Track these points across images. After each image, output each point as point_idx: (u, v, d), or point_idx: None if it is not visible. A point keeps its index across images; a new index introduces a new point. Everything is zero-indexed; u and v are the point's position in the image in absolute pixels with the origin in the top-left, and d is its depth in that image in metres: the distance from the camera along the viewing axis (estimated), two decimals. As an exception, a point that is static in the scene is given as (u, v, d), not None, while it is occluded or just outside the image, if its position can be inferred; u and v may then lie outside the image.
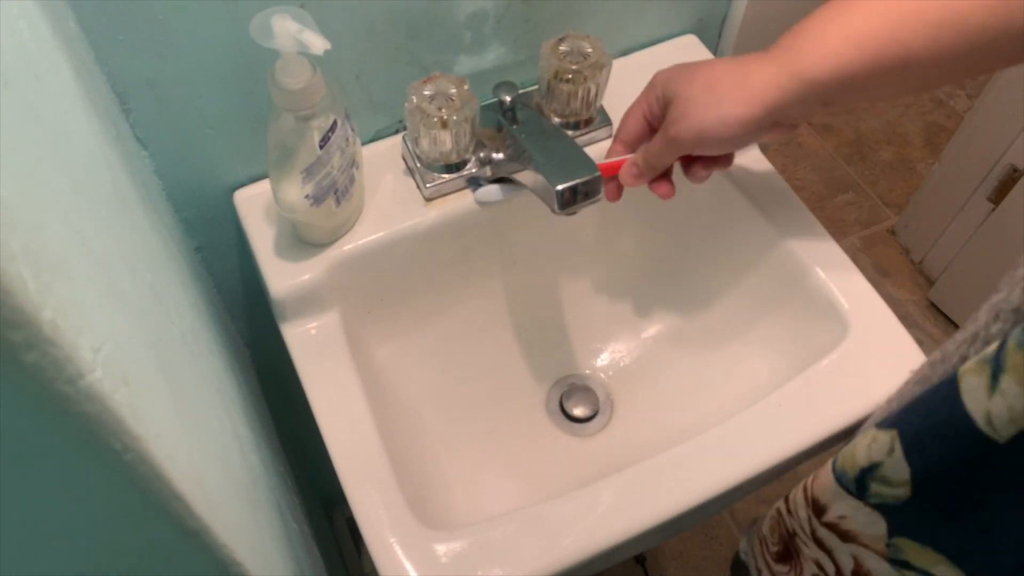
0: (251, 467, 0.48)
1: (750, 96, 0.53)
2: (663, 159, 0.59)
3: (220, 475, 0.35)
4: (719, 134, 0.54)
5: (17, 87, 0.26)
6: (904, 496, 0.47)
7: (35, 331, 0.19)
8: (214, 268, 0.72)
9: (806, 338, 0.66)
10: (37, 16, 0.36)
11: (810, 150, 1.72)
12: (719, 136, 0.55)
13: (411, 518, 0.54)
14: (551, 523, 0.55)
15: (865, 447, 0.48)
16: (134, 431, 0.23)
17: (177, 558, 0.30)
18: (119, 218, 0.36)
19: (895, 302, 1.50)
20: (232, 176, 0.65)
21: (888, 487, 0.48)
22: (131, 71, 0.55)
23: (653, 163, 0.59)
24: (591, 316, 0.79)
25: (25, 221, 0.20)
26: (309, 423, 0.59)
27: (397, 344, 0.71)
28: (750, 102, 0.53)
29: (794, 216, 0.68)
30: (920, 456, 0.45)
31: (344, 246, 0.63)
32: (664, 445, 0.58)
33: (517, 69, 0.69)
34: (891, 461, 0.47)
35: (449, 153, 0.63)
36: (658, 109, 0.59)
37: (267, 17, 0.50)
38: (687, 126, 0.55)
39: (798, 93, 0.52)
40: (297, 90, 0.53)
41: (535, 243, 0.73)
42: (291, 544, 0.54)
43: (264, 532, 0.43)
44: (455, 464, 0.71)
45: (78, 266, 0.24)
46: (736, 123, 0.53)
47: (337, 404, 0.59)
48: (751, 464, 0.57)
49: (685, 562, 1.26)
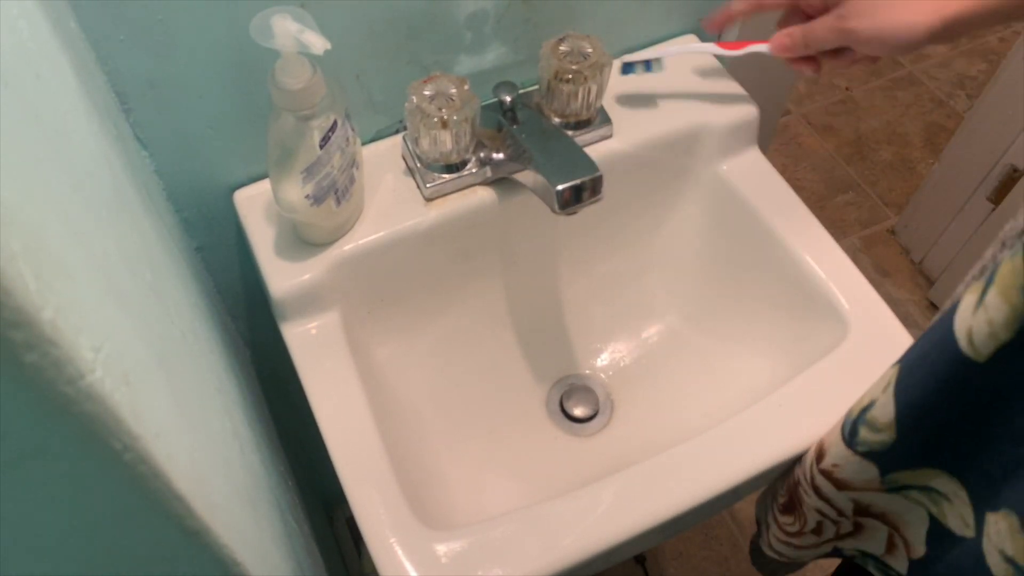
0: (251, 467, 0.48)
1: (940, 5, 0.52)
2: (825, 44, 0.58)
3: (220, 475, 0.35)
4: (903, 39, 0.54)
5: (17, 87, 0.26)
6: (888, 440, 0.48)
7: (35, 331, 0.19)
8: (214, 268, 0.72)
9: (806, 338, 0.66)
10: (37, 16, 0.36)
11: (810, 150, 1.72)
12: (902, 41, 0.54)
13: (411, 518, 0.54)
14: (551, 523, 0.55)
15: (872, 385, 0.49)
16: (134, 431, 0.23)
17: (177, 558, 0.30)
18: (119, 218, 0.36)
19: (895, 302, 1.50)
20: (232, 176, 0.65)
21: (873, 432, 0.49)
22: (131, 71, 0.55)
23: (813, 45, 0.58)
24: (591, 316, 0.79)
25: (25, 221, 0.20)
26: (309, 423, 0.59)
27: (397, 344, 0.71)
28: (940, 11, 0.52)
29: (794, 216, 0.68)
30: (905, 390, 0.46)
31: (344, 246, 0.63)
32: (664, 445, 0.58)
33: (517, 69, 0.69)
34: (883, 399, 0.47)
35: (449, 153, 0.63)
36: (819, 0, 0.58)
37: (267, 17, 0.50)
38: (871, 24, 0.54)
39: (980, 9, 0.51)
40: (297, 90, 0.53)
41: (535, 243, 0.73)
42: (291, 544, 0.54)
43: (264, 532, 0.43)
44: (455, 464, 0.71)
45: (78, 266, 0.24)
46: (924, 32, 0.53)
47: (337, 404, 0.59)
48: (751, 464, 0.57)
49: (685, 562, 1.26)
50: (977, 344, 0.40)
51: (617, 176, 0.68)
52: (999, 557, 0.43)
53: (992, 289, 0.38)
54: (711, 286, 0.75)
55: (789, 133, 1.74)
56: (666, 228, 0.76)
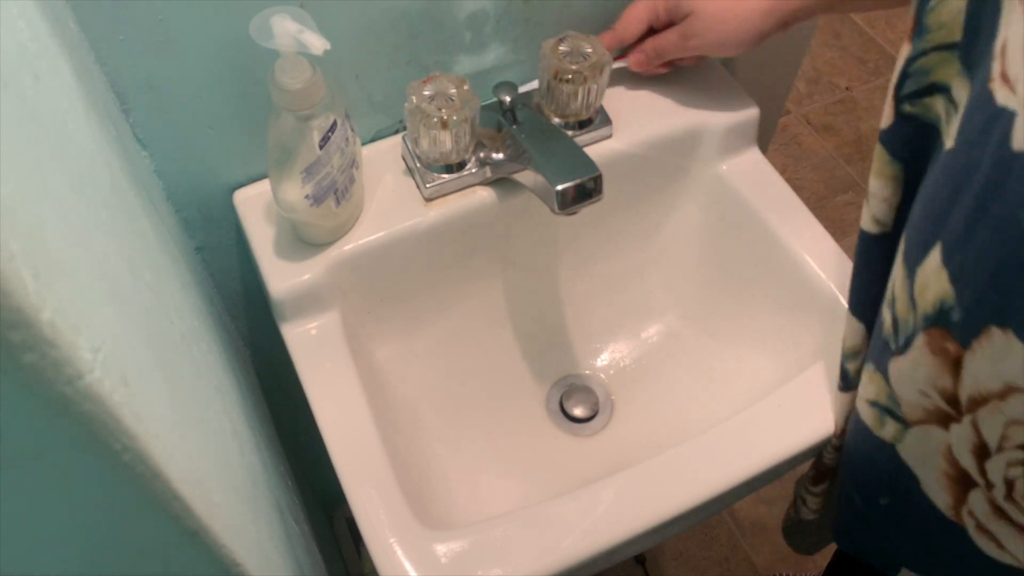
0: (251, 467, 0.48)
1: (768, 10, 0.61)
2: (673, 55, 0.67)
3: (220, 475, 0.35)
4: (739, 44, 0.63)
5: (17, 87, 0.26)
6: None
7: (34, 332, 0.19)
8: (214, 268, 0.72)
9: (806, 338, 0.66)
10: (37, 16, 0.36)
11: (810, 150, 1.72)
12: (736, 47, 0.63)
13: (411, 518, 0.54)
14: (551, 523, 0.55)
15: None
16: (133, 431, 0.23)
17: (176, 558, 0.30)
18: (119, 218, 0.36)
19: (895, 302, 1.50)
20: (232, 176, 0.65)
21: (849, 359, 0.55)
22: (131, 71, 0.55)
23: (664, 57, 0.67)
24: (591, 316, 0.79)
25: (24, 221, 0.20)
26: (309, 423, 0.59)
27: (397, 344, 0.71)
28: (768, 16, 0.61)
29: (794, 216, 0.68)
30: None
31: (344, 246, 0.63)
32: (664, 445, 0.58)
33: (517, 69, 0.69)
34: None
35: (449, 153, 0.63)
36: (665, 16, 0.65)
37: (267, 17, 0.50)
38: (710, 40, 0.63)
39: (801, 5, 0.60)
40: (297, 90, 0.53)
41: (535, 243, 0.73)
42: (291, 544, 0.54)
43: (264, 532, 0.43)
44: (455, 464, 0.71)
45: (77, 266, 0.24)
46: (756, 36, 0.62)
47: (337, 404, 0.59)
48: (751, 464, 0.57)
49: (685, 562, 1.26)
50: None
51: (617, 176, 0.68)
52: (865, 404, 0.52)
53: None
54: (711, 286, 0.75)
55: (789, 133, 1.74)
56: (666, 228, 0.76)
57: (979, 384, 0.41)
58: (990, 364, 0.40)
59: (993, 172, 0.36)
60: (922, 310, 0.43)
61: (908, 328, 0.45)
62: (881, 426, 0.51)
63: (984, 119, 0.37)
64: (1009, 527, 0.46)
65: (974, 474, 0.46)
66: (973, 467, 0.45)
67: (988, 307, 0.39)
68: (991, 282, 0.38)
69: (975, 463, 0.45)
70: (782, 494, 1.27)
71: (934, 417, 0.46)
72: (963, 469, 0.46)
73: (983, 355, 0.40)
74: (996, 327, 0.38)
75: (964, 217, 0.38)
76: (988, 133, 0.36)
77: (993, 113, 0.36)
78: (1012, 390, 0.40)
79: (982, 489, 0.46)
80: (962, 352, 0.41)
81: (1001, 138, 0.35)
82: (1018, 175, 0.35)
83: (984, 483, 0.45)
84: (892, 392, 0.48)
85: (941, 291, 0.41)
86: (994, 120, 0.36)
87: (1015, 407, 0.40)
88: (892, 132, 0.45)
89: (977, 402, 0.42)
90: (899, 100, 0.44)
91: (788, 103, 1.74)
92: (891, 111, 0.44)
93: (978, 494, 0.46)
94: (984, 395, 0.41)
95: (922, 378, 0.45)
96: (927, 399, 0.45)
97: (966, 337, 0.40)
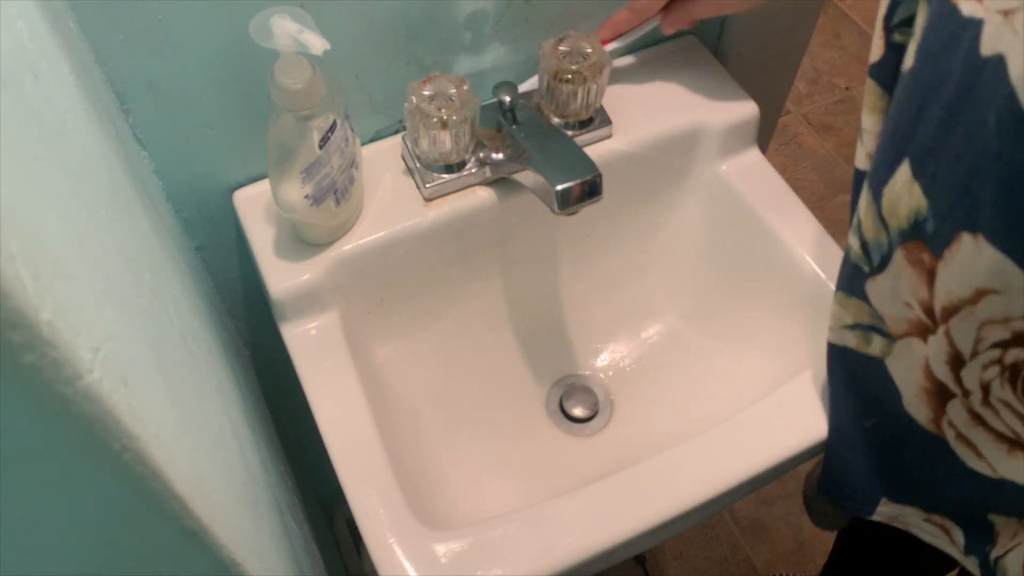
0: (251, 467, 0.48)
1: None
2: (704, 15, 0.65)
3: (219, 475, 0.35)
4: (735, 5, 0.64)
5: (16, 87, 0.26)
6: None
7: (33, 332, 0.19)
8: (214, 268, 0.72)
9: (806, 338, 0.66)
10: (36, 16, 0.36)
11: (810, 150, 1.72)
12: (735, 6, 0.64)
13: (411, 518, 0.54)
14: (551, 523, 0.55)
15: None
16: (132, 431, 0.23)
17: (176, 558, 0.30)
18: (119, 218, 0.36)
19: (895, 302, 1.50)
20: (232, 176, 0.65)
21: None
22: (131, 71, 0.55)
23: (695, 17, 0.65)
24: (591, 316, 0.79)
25: (23, 222, 0.20)
26: (309, 423, 0.59)
27: (397, 344, 0.71)
28: None
29: (794, 216, 0.68)
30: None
31: (344, 246, 0.63)
32: (664, 445, 0.58)
33: (517, 69, 0.69)
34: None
35: (449, 153, 0.63)
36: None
37: (267, 17, 0.50)
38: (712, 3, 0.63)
39: None
40: (297, 90, 0.53)
41: (535, 243, 0.73)
42: (291, 544, 0.54)
43: (264, 532, 0.43)
44: (455, 464, 0.71)
45: (77, 267, 0.24)
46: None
47: (337, 404, 0.59)
48: (751, 464, 0.57)
49: (685, 562, 1.26)
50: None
51: (617, 176, 0.68)
52: (844, 330, 0.53)
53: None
54: (711, 286, 0.75)
55: (789, 133, 1.74)
56: (666, 228, 0.76)
57: (951, 294, 0.42)
58: (960, 272, 0.41)
59: (963, 79, 0.37)
60: (897, 226, 0.44)
61: (883, 248, 0.46)
62: (867, 344, 0.51)
63: (949, 32, 0.38)
64: (986, 433, 0.47)
65: (951, 385, 0.46)
66: (949, 378, 0.46)
67: (959, 213, 0.39)
68: (963, 188, 0.39)
69: (951, 373, 0.46)
70: (782, 494, 1.27)
71: (916, 328, 0.46)
72: (940, 381, 0.47)
73: (954, 263, 0.41)
74: (967, 233, 0.39)
75: (934, 128, 0.39)
76: (955, 44, 0.37)
77: (959, 23, 0.37)
78: (983, 293, 0.40)
79: (959, 398, 0.46)
80: (936, 262, 0.42)
81: (970, 46, 0.36)
82: (987, 78, 0.36)
83: (961, 392, 0.46)
84: (874, 311, 0.49)
85: (915, 204, 0.42)
86: (961, 30, 0.37)
87: (987, 308, 0.41)
88: (883, 64, 0.46)
89: (949, 311, 0.43)
90: (889, 30, 0.45)
91: (788, 103, 1.74)
92: (881, 43, 0.45)
93: (956, 404, 0.47)
94: (956, 304, 0.42)
95: (905, 290, 0.45)
96: (911, 310, 0.46)
97: (938, 247, 0.41)
